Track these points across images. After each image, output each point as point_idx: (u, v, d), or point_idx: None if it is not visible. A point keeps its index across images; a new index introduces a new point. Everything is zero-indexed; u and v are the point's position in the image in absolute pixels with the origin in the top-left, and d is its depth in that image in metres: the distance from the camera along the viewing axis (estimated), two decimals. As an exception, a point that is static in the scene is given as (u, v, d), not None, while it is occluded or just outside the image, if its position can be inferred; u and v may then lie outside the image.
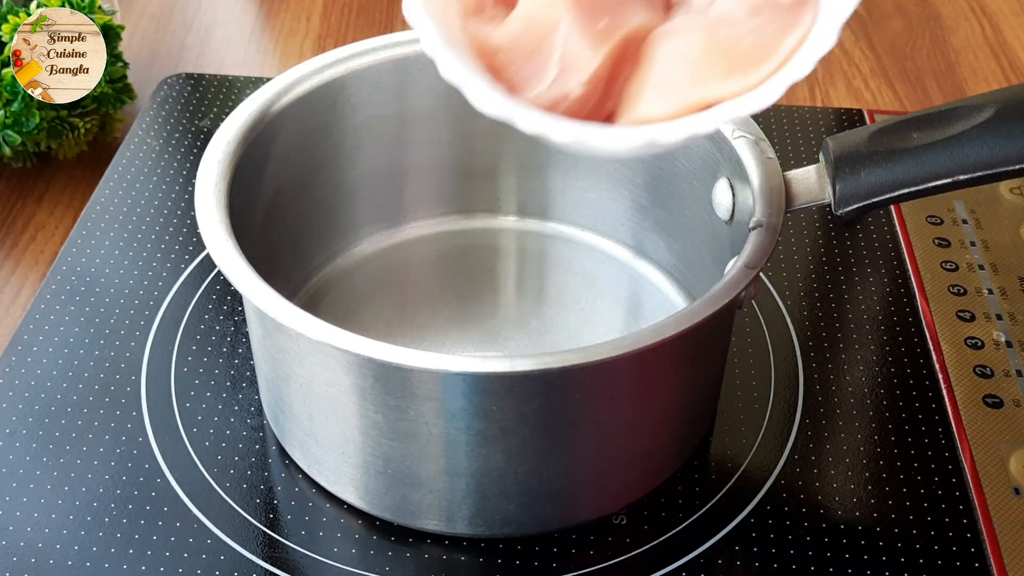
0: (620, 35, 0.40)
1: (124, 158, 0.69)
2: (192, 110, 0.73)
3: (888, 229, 0.66)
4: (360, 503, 0.51)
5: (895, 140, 0.47)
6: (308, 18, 0.87)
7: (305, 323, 0.43)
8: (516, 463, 0.47)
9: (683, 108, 0.40)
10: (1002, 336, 0.59)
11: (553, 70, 0.40)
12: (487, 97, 0.39)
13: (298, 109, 0.54)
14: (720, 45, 0.40)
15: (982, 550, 0.50)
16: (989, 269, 0.63)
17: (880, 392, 0.57)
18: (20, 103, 0.65)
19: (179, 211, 0.66)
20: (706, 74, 0.40)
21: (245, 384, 0.56)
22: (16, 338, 0.58)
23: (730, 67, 0.40)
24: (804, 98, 0.79)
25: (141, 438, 0.54)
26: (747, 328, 0.60)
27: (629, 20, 0.41)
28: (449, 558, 0.50)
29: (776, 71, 0.39)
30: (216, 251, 0.46)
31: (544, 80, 0.41)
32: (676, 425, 0.50)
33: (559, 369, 0.42)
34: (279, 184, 0.55)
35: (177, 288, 0.61)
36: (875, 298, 0.62)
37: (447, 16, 0.42)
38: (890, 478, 0.53)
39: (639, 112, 0.40)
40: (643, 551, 0.50)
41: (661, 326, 0.43)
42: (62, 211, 0.69)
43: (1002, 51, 0.84)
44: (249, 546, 0.50)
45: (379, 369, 0.44)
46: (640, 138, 0.38)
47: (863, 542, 0.50)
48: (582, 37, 0.40)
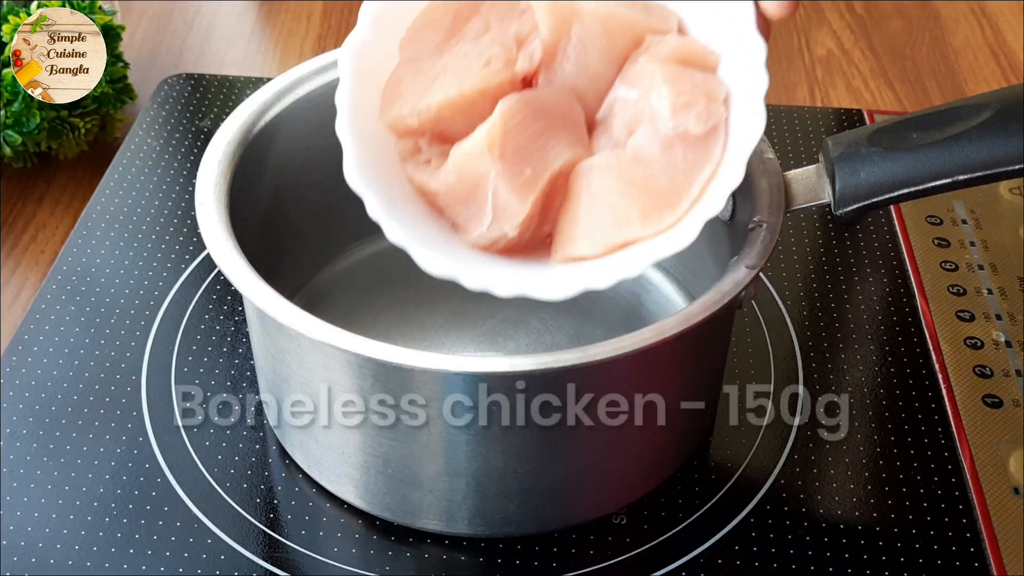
0: (544, 181, 0.44)
1: (124, 158, 0.69)
2: (192, 110, 0.73)
3: (888, 229, 0.66)
4: (360, 503, 0.51)
5: (895, 140, 0.47)
6: (308, 18, 0.87)
7: (305, 323, 0.43)
8: (516, 463, 0.47)
9: (608, 248, 0.44)
10: (1002, 336, 0.59)
11: (488, 216, 0.44)
12: (431, 260, 0.43)
13: (298, 109, 0.54)
14: (636, 187, 0.43)
15: (982, 550, 0.50)
16: (989, 269, 0.63)
17: (880, 392, 0.57)
18: (20, 103, 0.65)
19: (179, 211, 0.66)
20: (626, 217, 0.43)
21: (245, 384, 0.56)
22: (16, 338, 0.58)
23: (646, 210, 0.43)
24: (804, 98, 0.79)
25: (141, 438, 0.54)
26: (747, 328, 0.60)
27: (552, 163, 0.44)
28: (449, 558, 0.50)
29: (690, 209, 0.43)
30: (216, 251, 0.46)
31: (482, 223, 0.44)
32: (676, 425, 0.50)
33: (559, 369, 0.42)
34: (279, 184, 0.55)
35: (177, 288, 0.61)
36: (875, 298, 0.62)
37: (385, 164, 0.46)
38: (890, 478, 0.53)
39: (570, 252, 0.45)
40: (643, 551, 0.50)
41: (661, 326, 0.43)
42: (62, 211, 0.69)
43: (1002, 51, 0.84)
44: (249, 546, 0.50)
45: (379, 369, 0.44)
46: (575, 287, 0.42)
47: (863, 542, 0.51)
48: (510, 190, 0.44)
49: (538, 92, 0.45)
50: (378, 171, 0.45)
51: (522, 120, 0.44)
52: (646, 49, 0.45)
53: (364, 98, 0.46)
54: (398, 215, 0.44)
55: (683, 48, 0.45)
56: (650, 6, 0.46)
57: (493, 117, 0.44)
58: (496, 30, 0.46)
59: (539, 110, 0.44)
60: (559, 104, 0.45)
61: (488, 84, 0.44)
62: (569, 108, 0.45)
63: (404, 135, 0.47)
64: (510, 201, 0.44)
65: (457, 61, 0.46)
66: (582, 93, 0.45)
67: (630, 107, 0.45)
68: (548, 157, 0.44)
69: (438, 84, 0.45)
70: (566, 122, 0.45)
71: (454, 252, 0.45)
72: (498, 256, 0.45)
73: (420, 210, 0.46)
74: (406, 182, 0.46)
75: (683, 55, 0.45)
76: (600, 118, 0.46)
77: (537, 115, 0.44)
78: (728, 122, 0.44)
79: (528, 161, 0.44)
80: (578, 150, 0.45)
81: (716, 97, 0.44)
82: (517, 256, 0.46)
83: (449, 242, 0.45)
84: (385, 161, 0.46)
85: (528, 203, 0.44)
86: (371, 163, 0.45)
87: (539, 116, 0.44)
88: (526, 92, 0.45)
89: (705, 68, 0.45)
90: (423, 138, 0.46)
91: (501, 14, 0.46)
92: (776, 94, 0.79)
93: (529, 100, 0.44)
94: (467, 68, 0.45)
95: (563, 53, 0.45)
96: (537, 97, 0.45)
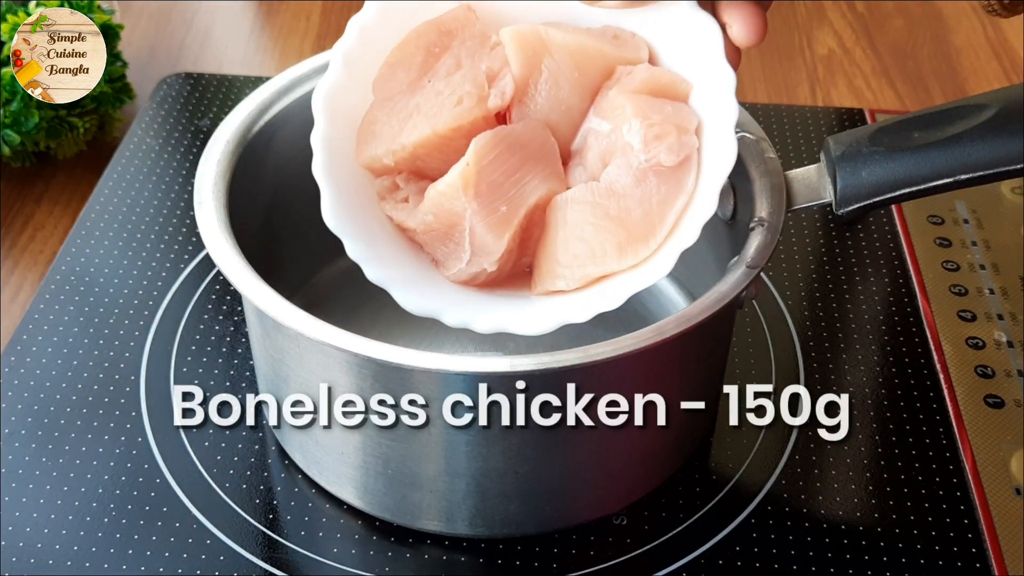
0: (520, 217, 0.45)
1: (123, 158, 0.69)
2: (191, 110, 0.73)
3: (889, 229, 0.66)
4: (360, 503, 0.51)
5: (896, 139, 0.47)
6: (308, 17, 0.87)
7: (305, 323, 0.43)
8: (516, 463, 0.47)
9: (585, 282, 0.45)
10: (1003, 336, 0.59)
11: (467, 253, 0.45)
12: (411, 300, 0.44)
13: (297, 108, 0.54)
14: (612, 220, 0.44)
15: (983, 550, 0.50)
16: (990, 269, 0.63)
17: (881, 392, 0.57)
18: (19, 102, 0.65)
19: (179, 211, 0.66)
20: (602, 251, 0.44)
21: (245, 384, 0.56)
22: (15, 338, 0.58)
23: (622, 244, 0.44)
24: (805, 97, 0.79)
25: (141, 438, 0.54)
26: (748, 328, 0.60)
27: (528, 199, 0.45)
28: (449, 558, 0.50)
29: (665, 241, 0.44)
30: (215, 251, 0.46)
31: (461, 260, 0.46)
32: (676, 425, 0.50)
33: (559, 369, 0.42)
34: (279, 183, 0.55)
35: (177, 288, 0.61)
36: (876, 298, 0.62)
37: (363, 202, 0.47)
38: (891, 478, 0.53)
39: (548, 287, 0.46)
40: (644, 551, 0.50)
41: (661, 326, 0.43)
42: (61, 211, 0.69)
43: (1003, 51, 0.84)
44: (249, 546, 0.50)
45: (379, 369, 0.44)
46: (553, 322, 0.44)
47: (864, 542, 0.50)
48: (486, 228, 0.45)
49: (512, 128, 0.45)
50: (356, 210, 0.46)
51: (496, 157, 0.44)
52: (617, 80, 0.46)
53: (340, 138, 0.47)
54: (377, 253, 0.45)
55: (653, 79, 0.45)
56: (620, 35, 0.47)
57: (467, 156, 0.44)
58: (467, 66, 0.46)
59: (513, 145, 0.45)
60: (533, 138, 0.45)
61: (461, 122, 0.45)
62: (543, 142, 0.46)
63: (381, 174, 0.48)
64: (486, 238, 0.45)
65: (430, 100, 0.46)
66: (555, 125, 0.46)
67: (603, 139, 0.45)
68: (524, 193, 0.45)
69: (411, 124, 0.46)
70: (541, 156, 0.46)
71: (435, 288, 0.46)
72: (479, 290, 0.46)
73: (400, 246, 0.47)
74: (385, 219, 0.47)
75: (654, 86, 0.45)
76: (575, 149, 0.47)
77: (511, 151, 0.45)
78: (700, 152, 0.45)
79: (503, 198, 0.45)
80: (554, 183, 0.46)
81: (687, 128, 0.44)
82: (498, 288, 0.47)
83: (429, 278, 0.47)
84: (363, 199, 0.47)
85: (504, 240, 0.45)
86: (349, 203, 0.46)
87: (513, 152, 0.45)
88: (499, 128, 0.45)
89: (676, 97, 0.46)
90: (400, 176, 0.47)
91: (472, 50, 0.47)
92: (777, 93, 0.79)
93: (503, 136, 0.45)
94: (439, 107, 0.46)
95: (535, 87, 0.46)
96: (511, 133, 0.45)
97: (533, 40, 0.45)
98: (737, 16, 0.43)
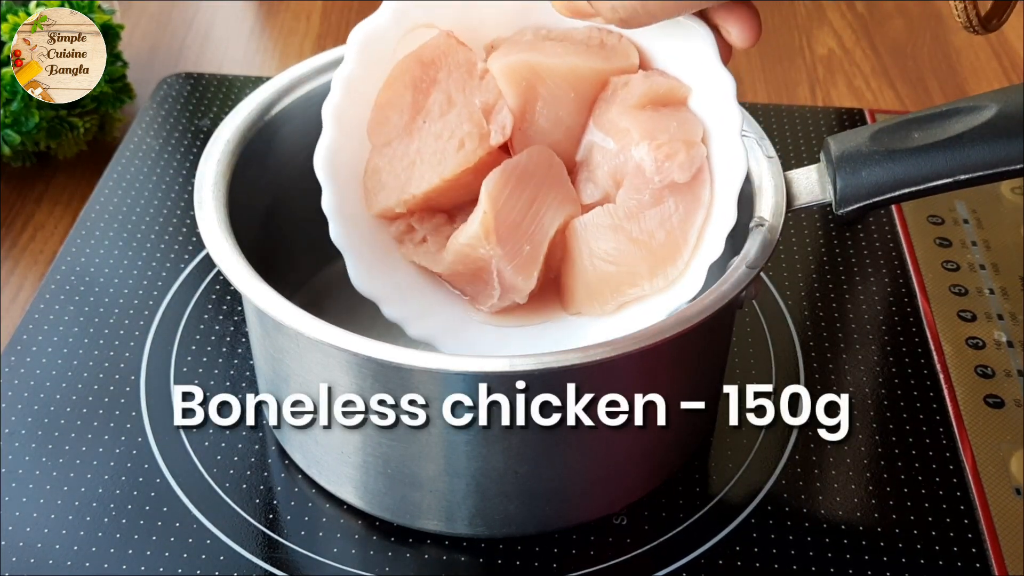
0: (543, 252, 0.46)
1: (123, 158, 0.69)
2: (192, 110, 0.73)
3: (889, 229, 0.66)
4: (360, 503, 0.51)
5: (896, 140, 0.47)
6: (308, 18, 0.87)
7: (304, 322, 0.43)
8: (516, 463, 0.47)
9: (618, 306, 0.46)
10: (1003, 336, 0.59)
11: (496, 291, 0.47)
12: (457, 350, 0.47)
13: (298, 108, 0.54)
14: (637, 244, 0.45)
15: (983, 550, 0.50)
16: (990, 269, 0.63)
17: (881, 392, 0.57)
18: (19, 102, 0.65)
19: (179, 211, 0.66)
20: (632, 276, 0.45)
21: (245, 384, 0.56)
22: (15, 338, 0.58)
23: (652, 268, 0.45)
24: (805, 98, 0.79)
25: (141, 438, 0.54)
26: (748, 328, 0.60)
27: (548, 231, 0.46)
28: (449, 558, 0.50)
29: (692, 259, 0.45)
30: (216, 251, 0.46)
31: (492, 296, 0.47)
32: (676, 425, 0.50)
33: (559, 369, 0.42)
34: (279, 183, 0.55)
35: (177, 288, 0.61)
36: (876, 298, 0.62)
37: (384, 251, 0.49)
38: (891, 478, 0.53)
39: (585, 311, 0.47)
40: (644, 551, 0.50)
41: (661, 326, 0.43)
42: (61, 211, 0.69)
43: (1003, 51, 0.84)
44: (249, 546, 0.50)
45: (379, 369, 0.44)
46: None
47: (864, 542, 0.50)
48: (513, 271, 0.46)
49: (517, 160, 0.46)
50: (380, 266, 0.48)
51: (509, 194, 0.45)
52: (613, 91, 0.46)
53: (351, 196, 0.48)
54: (413, 309, 0.48)
55: (652, 89, 0.45)
56: (607, 43, 0.47)
57: (481, 203, 0.45)
58: (461, 103, 0.47)
59: (523, 177, 0.45)
60: (540, 164, 0.46)
61: (467, 165, 0.46)
62: (550, 165, 0.46)
63: (395, 219, 0.49)
64: (516, 280, 0.46)
65: (430, 145, 0.47)
66: (557, 144, 0.47)
67: (611, 158, 0.46)
68: (543, 226, 0.46)
69: (417, 173, 0.47)
70: (551, 181, 0.46)
71: (477, 333, 0.48)
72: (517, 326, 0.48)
73: (428, 290, 0.49)
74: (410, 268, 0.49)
75: (652, 96, 0.45)
76: (580, 160, 0.47)
77: (522, 184, 0.45)
78: (710, 159, 0.45)
79: (524, 237, 0.46)
80: (568, 208, 0.46)
81: (694, 141, 0.45)
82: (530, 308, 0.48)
83: (465, 320, 0.48)
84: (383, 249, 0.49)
85: (533, 279, 0.46)
86: (372, 260, 0.48)
87: (524, 184, 0.45)
88: (506, 163, 0.46)
89: (676, 102, 0.46)
90: (413, 218, 0.48)
91: (460, 82, 0.47)
92: (777, 93, 0.79)
93: (511, 171, 0.45)
94: (442, 153, 0.46)
95: (533, 114, 0.46)
96: (518, 165, 0.46)
97: (524, 71, 0.46)
98: (734, 19, 0.43)
